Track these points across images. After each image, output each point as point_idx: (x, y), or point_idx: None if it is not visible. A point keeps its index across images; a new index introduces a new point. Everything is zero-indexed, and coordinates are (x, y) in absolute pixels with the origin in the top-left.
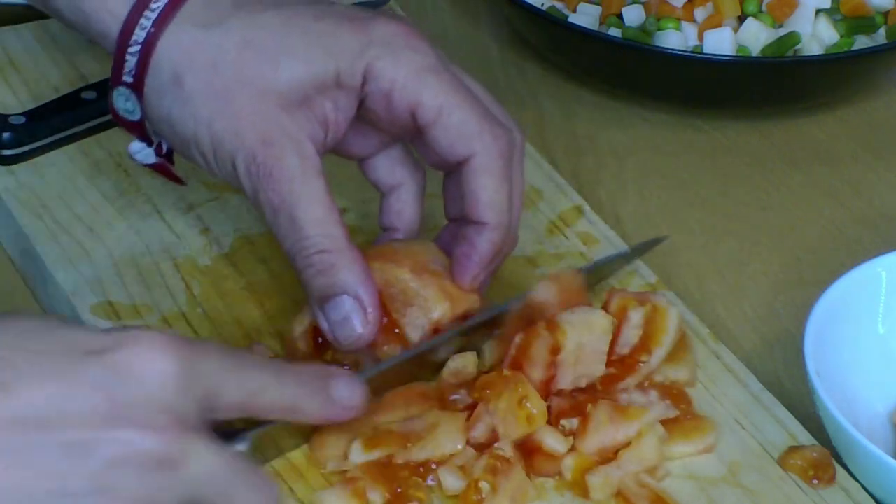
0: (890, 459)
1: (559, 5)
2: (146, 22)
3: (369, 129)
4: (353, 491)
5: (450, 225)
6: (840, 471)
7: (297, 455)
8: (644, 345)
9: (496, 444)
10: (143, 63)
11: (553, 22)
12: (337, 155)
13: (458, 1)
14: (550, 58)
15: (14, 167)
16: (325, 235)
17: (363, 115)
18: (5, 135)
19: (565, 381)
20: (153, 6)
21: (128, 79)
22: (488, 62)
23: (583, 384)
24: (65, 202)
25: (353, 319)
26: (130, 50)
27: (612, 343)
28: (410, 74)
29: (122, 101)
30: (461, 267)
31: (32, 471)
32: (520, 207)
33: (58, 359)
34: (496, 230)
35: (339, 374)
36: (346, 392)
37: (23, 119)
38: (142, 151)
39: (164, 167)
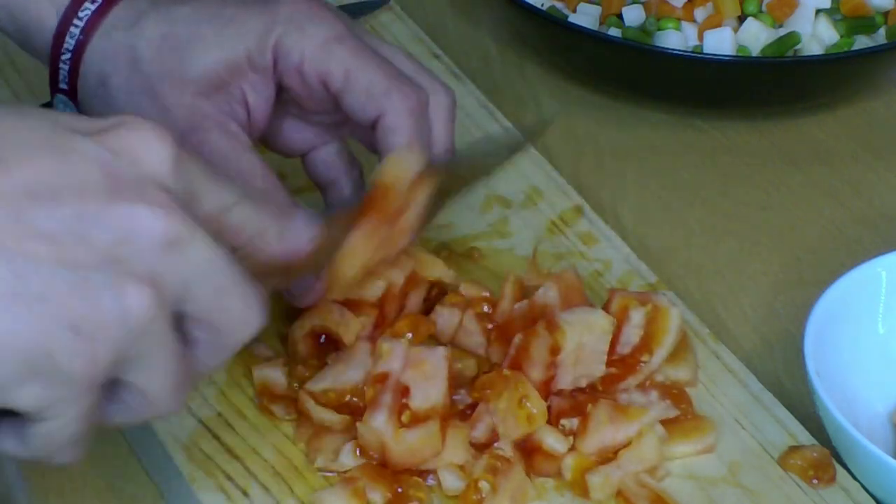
0: (890, 459)
1: (559, 5)
2: (75, 30)
3: (302, 123)
4: (352, 491)
5: None
6: (840, 471)
7: (297, 455)
8: (645, 345)
9: (496, 444)
10: (74, 70)
11: (553, 22)
12: (277, 153)
13: (458, 1)
14: (550, 58)
15: None
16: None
17: (287, 96)
18: None
19: (565, 382)
20: (80, 14)
21: (63, 86)
22: (488, 62)
23: (583, 384)
24: None
25: (307, 228)
26: (63, 58)
27: (613, 343)
28: (317, 46)
29: (62, 108)
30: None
31: (38, 242)
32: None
33: (50, 136)
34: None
35: (302, 209)
36: (304, 225)
37: None
38: None
39: None
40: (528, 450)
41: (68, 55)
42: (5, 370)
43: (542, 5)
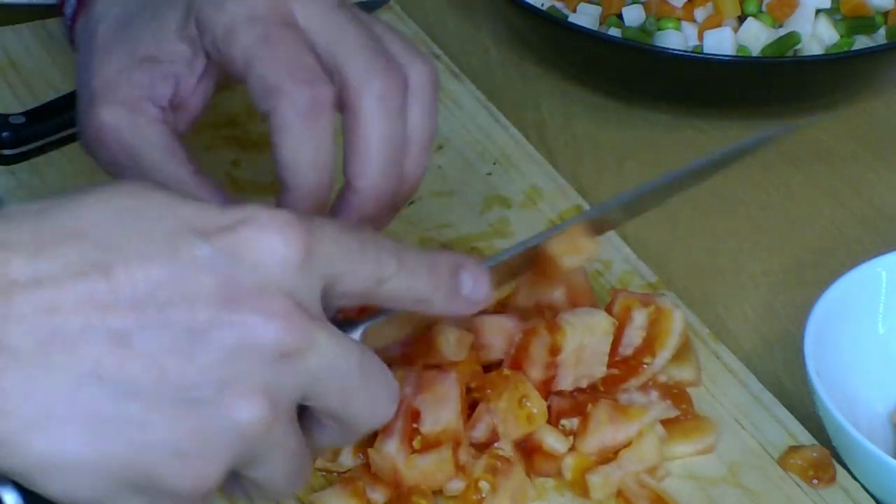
0: (890, 459)
1: (559, 5)
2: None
3: None
4: (352, 491)
5: None
6: (840, 471)
7: None
8: (648, 346)
9: (496, 444)
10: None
11: (553, 22)
12: None
13: (458, 1)
14: (550, 58)
15: (14, 167)
16: (171, 178)
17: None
18: (5, 135)
19: (566, 382)
20: None
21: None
22: (488, 62)
23: (584, 384)
24: None
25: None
26: (67, 23)
27: (615, 344)
28: (226, 25)
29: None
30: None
31: (140, 363)
32: (422, 162)
33: (163, 238)
34: (298, 191)
35: (468, 264)
36: (474, 284)
37: (23, 119)
38: None
39: None
40: (529, 450)
41: (68, 22)
42: (104, 487)
43: (542, 5)
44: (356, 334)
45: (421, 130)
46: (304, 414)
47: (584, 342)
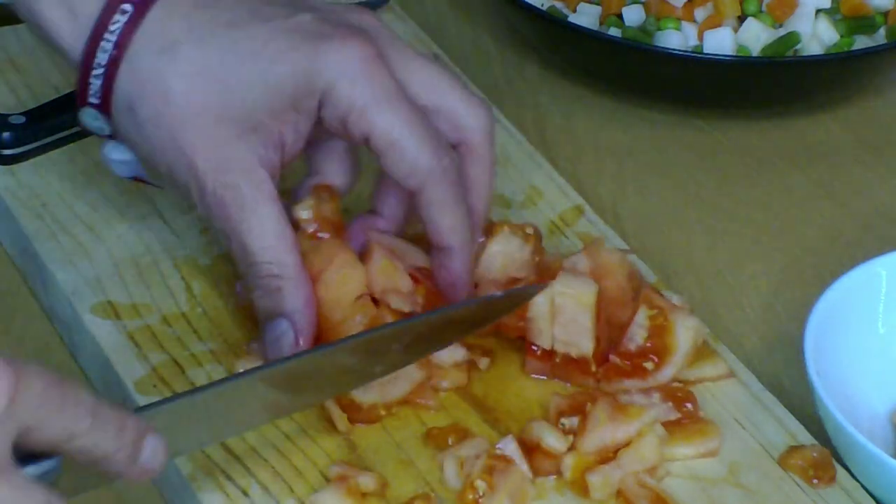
0: (890, 459)
1: (559, 5)
2: (107, 45)
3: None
4: (347, 490)
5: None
6: (840, 471)
7: (297, 455)
8: (654, 350)
9: (497, 444)
10: (108, 86)
11: (553, 22)
12: None
13: (458, 1)
14: (550, 58)
15: (14, 167)
16: (275, 263)
17: (322, 125)
18: (5, 135)
19: (541, 339)
20: (112, 28)
21: (94, 100)
22: (488, 62)
23: (572, 353)
24: (65, 202)
25: (283, 341)
26: (94, 73)
27: (621, 335)
28: (367, 103)
29: (91, 120)
30: (450, 292)
31: None
32: (492, 188)
33: None
34: (463, 249)
35: (153, 435)
36: (152, 453)
37: (23, 119)
38: (115, 151)
39: (140, 179)
40: (528, 449)
41: (101, 70)
42: None
43: (542, 5)
44: (53, 462)
45: (483, 173)
46: None
47: (559, 302)
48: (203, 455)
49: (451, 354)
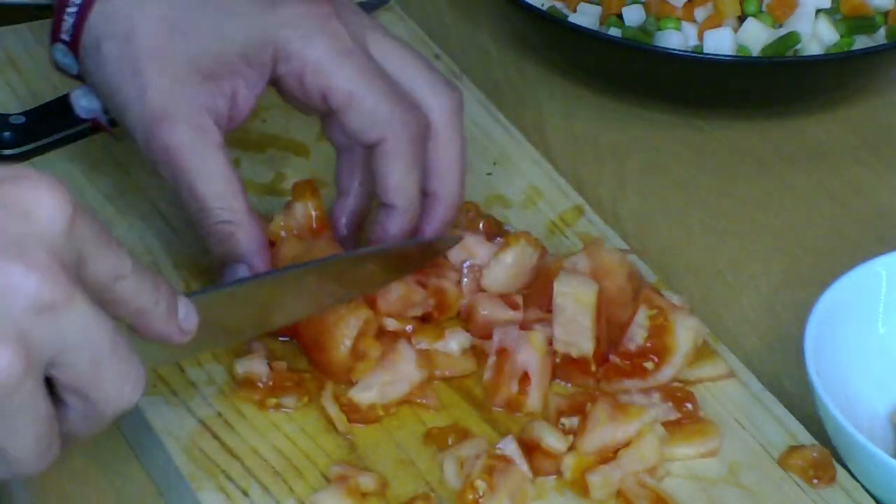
0: (890, 459)
1: (559, 5)
2: None
3: None
4: (347, 490)
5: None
6: (840, 471)
7: (297, 455)
8: (654, 350)
9: (497, 445)
10: (79, 24)
11: (553, 22)
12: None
13: (458, 1)
14: (550, 58)
15: None
16: (225, 208)
17: (281, 91)
18: (5, 135)
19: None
20: None
21: (65, 37)
22: (488, 62)
23: (573, 354)
24: None
25: None
26: (69, 10)
27: (621, 335)
28: (322, 58)
29: (61, 56)
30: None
31: None
32: (462, 174)
33: None
34: (405, 213)
35: (182, 295)
36: (187, 311)
37: (23, 119)
38: (84, 98)
39: (97, 121)
40: (528, 449)
41: (74, 8)
42: None
43: (542, 5)
44: None
45: (448, 151)
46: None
47: (560, 303)
48: (203, 455)
49: (459, 341)
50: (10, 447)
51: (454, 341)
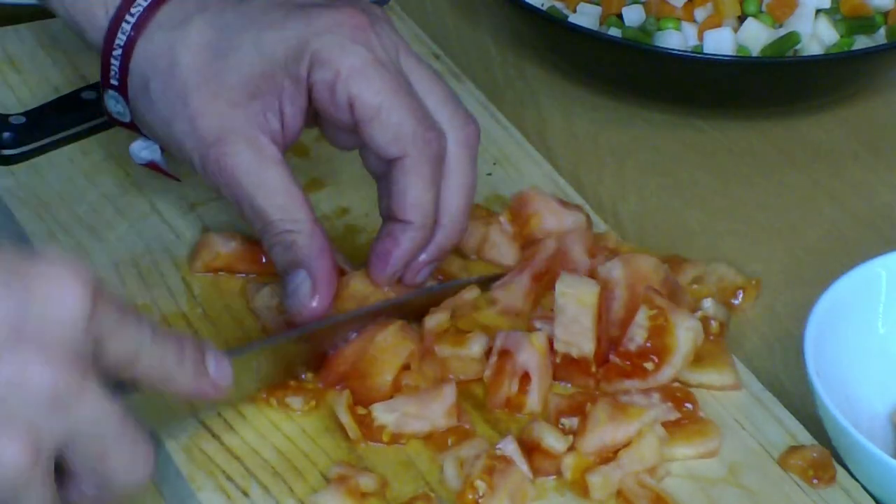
0: (890, 459)
1: (559, 5)
2: (126, 26)
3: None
4: (347, 490)
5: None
6: (840, 471)
7: (297, 455)
8: (655, 351)
9: (497, 445)
10: (125, 67)
11: (553, 22)
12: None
13: (458, 1)
14: (550, 58)
15: (14, 167)
16: (287, 219)
17: (314, 104)
18: (5, 135)
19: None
20: (133, 11)
21: (114, 82)
22: (488, 62)
23: (573, 354)
24: (65, 202)
25: (301, 290)
26: (114, 54)
27: (621, 335)
28: (354, 67)
29: (113, 104)
30: (380, 262)
31: None
32: (468, 206)
33: None
34: (420, 230)
35: (213, 350)
36: (217, 366)
37: (23, 119)
38: (145, 150)
39: (155, 165)
40: (528, 449)
41: (119, 51)
42: None
43: (542, 5)
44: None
45: (460, 183)
46: (59, 471)
47: (561, 303)
48: (203, 455)
49: (481, 344)
50: None
51: (477, 344)
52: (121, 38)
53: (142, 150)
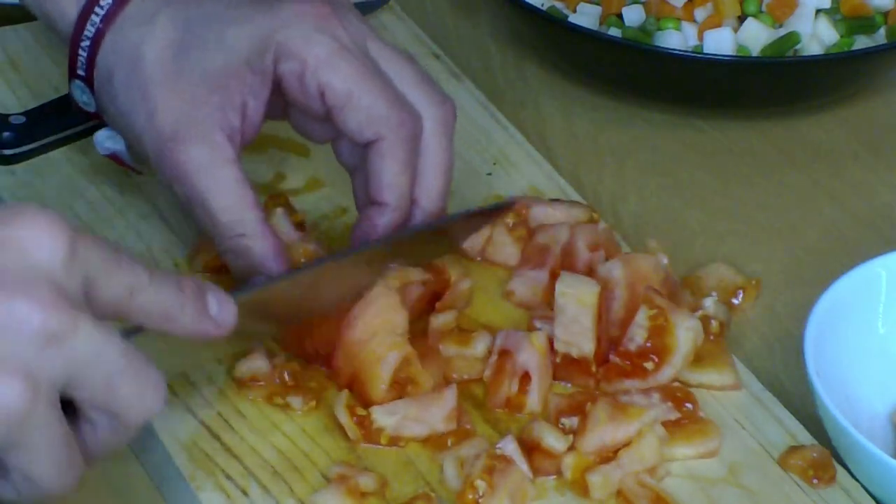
0: (890, 459)
1: (559, 5)
2: (95, 18)
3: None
4: (347, 490)
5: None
6: (840, 471)
7: (298, 455)
8: (655, 351)
9: (497, 444)
10: (92, 58)
11: (553, 22)
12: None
13: (458, 1)
14: (550, 58)
15: (14, 167)
16: (238, 221)
17: (284, 96)
18: (5, 135)
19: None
20: (102, 3)
21: (81, 72)
22: (488, 62)
23: (573, 354)
24: (65, 202)
25: None
26: (82, 45)
27: (621, 335)
28: (321, 56)
29: (80, 94)
30: (358, 244)
31: None
32: (446, 186)
33: None
34: (396, 211)
35: (213, 288)
36: (219, 307)
37: (23, 119)
38: (109, 140)
39: (117, 157)
40: (528, 449)
41: (87, 42)
42: None
43: (542, 5)
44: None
45: (437, 163)
46: (73, 415)
47: (561, 303)
48: (203, 455)
49: (485, 343)
50: (32, 471)
51: (481, 344)
52: (89, 30)
53: (106, 139)
